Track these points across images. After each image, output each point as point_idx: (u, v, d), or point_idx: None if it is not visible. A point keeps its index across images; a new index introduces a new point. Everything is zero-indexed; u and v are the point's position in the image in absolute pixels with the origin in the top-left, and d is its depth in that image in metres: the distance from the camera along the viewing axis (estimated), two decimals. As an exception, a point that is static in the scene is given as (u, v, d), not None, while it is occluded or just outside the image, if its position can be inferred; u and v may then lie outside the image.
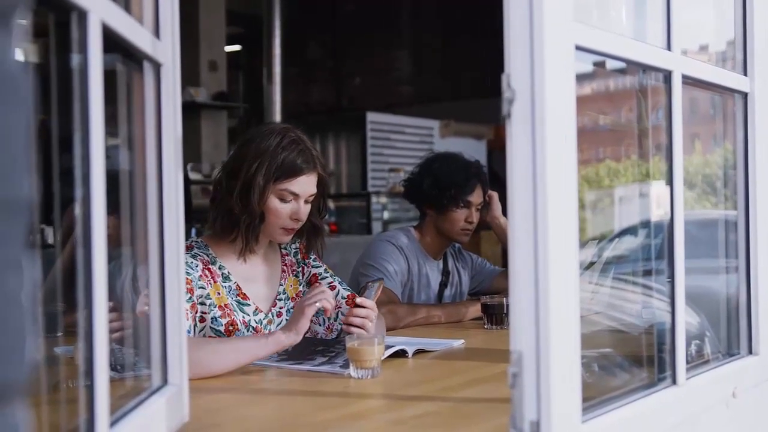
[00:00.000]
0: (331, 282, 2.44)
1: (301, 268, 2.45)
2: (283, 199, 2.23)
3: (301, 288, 2.42)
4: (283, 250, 2.44)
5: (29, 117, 0.60)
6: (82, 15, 1.01)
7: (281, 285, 2.38)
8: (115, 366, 1.37)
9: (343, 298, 2.39)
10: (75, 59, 1.03)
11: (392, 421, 1.57)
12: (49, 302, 1.73)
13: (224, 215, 2.24)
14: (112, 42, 1.12)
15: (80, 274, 1.03)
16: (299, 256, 2.46)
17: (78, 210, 1.04)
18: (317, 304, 2.02)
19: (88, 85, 1.02)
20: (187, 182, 6.14)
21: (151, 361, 1.39)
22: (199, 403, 1.58)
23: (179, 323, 1.42)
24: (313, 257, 2.47)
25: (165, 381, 1.40)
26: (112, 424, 1.10)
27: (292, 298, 2.39)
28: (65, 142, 1.05)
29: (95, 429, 1.01)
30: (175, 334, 1.41)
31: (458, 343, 2.39)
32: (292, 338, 1.99)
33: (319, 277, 2.45)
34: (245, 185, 2.19)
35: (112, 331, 1.37)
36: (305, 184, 2.25)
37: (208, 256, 2.24)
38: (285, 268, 2.41)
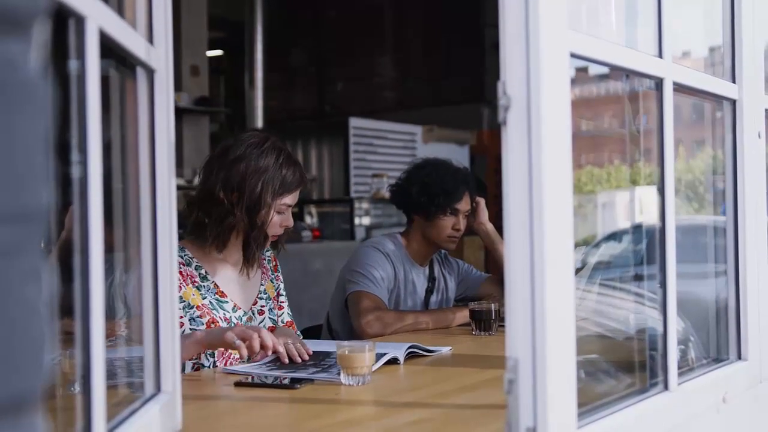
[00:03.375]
0: (283, 302, 2.54)
1: (275, 276, 2.55)
2: (279, 212, 2.34)
3: (276, 293, 2.52)
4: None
5: (47, 124, 0.60)
6: (80, 21, 1.00)
7: (262, 285, 2.47)
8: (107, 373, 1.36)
9: (282, 322, 2.47)
10: (72, 65, 1.02)
11: (386, 428, 1.56)
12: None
13: (228, 230, 2.30)
14: (107, 47, 1.12)
15: (77, 281, 1.02)
16: (272, 264, 2.56)
17: (74, 216, 1.03)
18: (235, 344, 1.99)
19: (85, 91, 1.01)
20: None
21: (144, 369, 1.38)
22: (191, 411, 1.57)
23: (172, 331, 1.41)
24: (278, 272, 2.57)
25: (158, 389, 1.39)
26: (108, 432, 1.10)
27: (273, 298, 2.49)
28: (60, 147, 1.04)
29: (93, 438, 1.00)
30: (168, 341, 1.40)
31: (446, 350, 2.39)
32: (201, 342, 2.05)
33: (279, 295, 2.55)
34: (252, 204, 2.27)
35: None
36: (297, 195, 2.38)
37: (182, 257, 2.27)
38: (264, 270, 2.51)
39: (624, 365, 1.77)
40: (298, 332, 2.54)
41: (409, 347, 2.23)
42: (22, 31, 0.56)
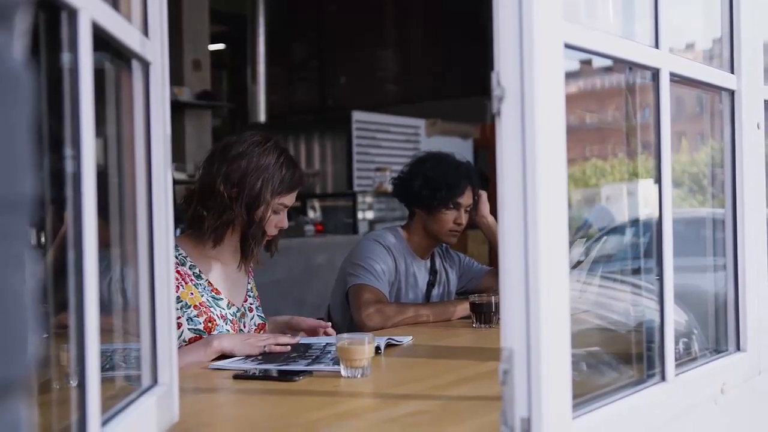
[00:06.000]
0: (258, 305, 2.56)
1: (253, 277, 2.58)
2: (275, 212, 2.35)
3: (257, 293, 2.57)
4: None
5: (31, 115, 0.60)
6: (73, 13, 1.00)
7: (249, 284, 2.51)
8: (103, 366, 1.36)
9: (255, 325, 2.48)
10: (65, 58, 1.03)
11: (383, 420, 1.57)
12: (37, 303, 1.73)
13: (225, 224, 2.32)
14: (101, 40, 1.12)
15: (71, 276, 1.02)
16: (252, 266, 2.58)
17: (66, 210, 1.03)
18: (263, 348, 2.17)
19: (78, 84, 1.01)
20: (172, 182, 6.13)
21: (141, 361, 1.38)
22: (188, 403, 1.57)
23: (169, 323, 1.41)
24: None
25: (155, 381, 1.39)
26: (104, 423, 1.10)
27: (257, 297, 2.53)
28: (53, 141, 1.05)
29: (87, 429, 1.01)
30: (165, 334, 1.40)
31: (407, 340, 2.41)
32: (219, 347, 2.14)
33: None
34: (251, 200, 2.30)
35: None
36: (294, 197, 2.41)
37: (176, 257, 2.28)
38: (250, 270, 2.54)
39: (623, 357, 1.77)
40: None
41: (387, 343, 2.27)
42: (5, 21, 0.57)
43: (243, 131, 2.45)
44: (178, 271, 2.27)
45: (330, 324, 2.52)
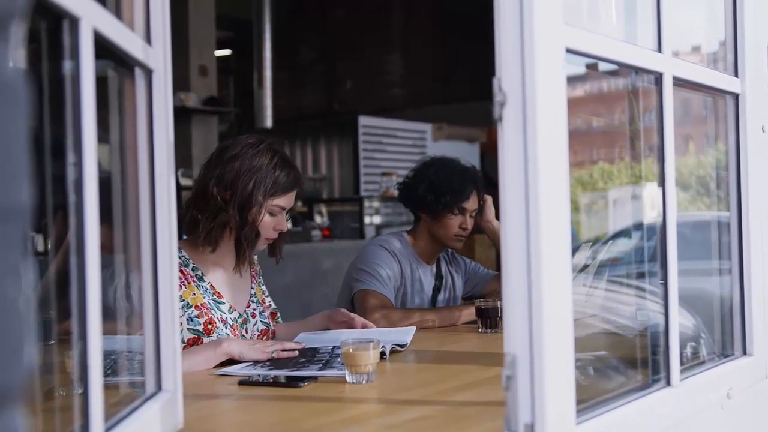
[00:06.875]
0: (270, 303, 2.59)
1: (261, 279, 2.59)
2: (272, 214, 2.35)
3: (264, 296, 2.56)
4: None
5: (26, 124, 0.60)
6: (74, 22, 1.00)
7: (252, 289, 2.51)
8: (107, 372, 1.37)
9: (257, 330, 2.48)
10: (66, 66, 1.03)
11: (387, 426, 1.56)
12: (42, 310, 1.73)
13: (219, 227, 2.32)
14: (103, 48, 1.12)
15: (73, 282, 1.02)
16: (259, 268, 2.60)
17: (71, 217, 1.04)
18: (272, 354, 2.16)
19: (80, 92, 1.02)
20: (178, 188, 6.15)
21: (145, 368, 1.38)
22: (192, 409, 1.57)
23: (173, 330, 1.42)
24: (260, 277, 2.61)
25: (159, 387, 1.39)
26: (107, 430, 1.10)
27: (261, 302, 2.53)
28: (55, 148, 1.05)
29: (89, 436, 1.01)
30: (169, 340, 1.41)
31: (411, 331, 2.44)
32: (229, 350, 2.13)
33: (264, 295, 2.59)
34: (244, 201, 2.30)
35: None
36: (292, 199, 2.40)
37: (180, 259, 2.28)
38: (254, 274, 2.54)
39: (629, 361, 1.76)
40: (278, 318, 2.63)
41: (392, 349, 2.26)
42: (1, 31, 0.57)
43: (239, 135, 2.47)
44: (181, 271, 2.29)
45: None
